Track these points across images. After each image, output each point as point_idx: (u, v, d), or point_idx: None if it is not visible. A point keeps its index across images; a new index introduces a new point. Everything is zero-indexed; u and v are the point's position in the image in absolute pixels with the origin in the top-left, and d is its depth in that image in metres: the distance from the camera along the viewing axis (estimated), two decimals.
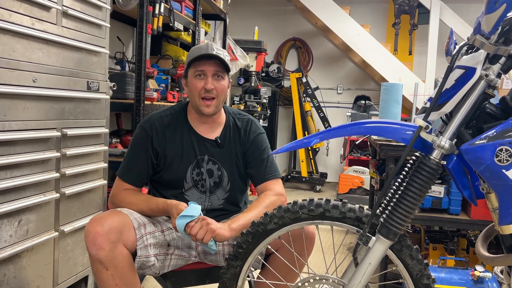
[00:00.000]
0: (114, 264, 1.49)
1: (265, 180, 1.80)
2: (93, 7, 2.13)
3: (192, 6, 3.64)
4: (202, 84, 1.71)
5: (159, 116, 1.80)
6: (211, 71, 1.72)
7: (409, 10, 6.14)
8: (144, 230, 1.61)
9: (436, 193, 2.48)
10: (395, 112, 2.91)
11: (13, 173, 1.71)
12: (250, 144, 1.83)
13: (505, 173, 1.14)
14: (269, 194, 1.75)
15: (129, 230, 1.56)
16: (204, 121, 1.80)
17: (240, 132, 1.84)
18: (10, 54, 1.66)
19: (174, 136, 1.78)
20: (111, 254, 1.48)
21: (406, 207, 1.25)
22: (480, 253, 1.42)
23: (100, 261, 1.48)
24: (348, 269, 1.37)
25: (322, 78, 6.80)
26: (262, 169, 1.81)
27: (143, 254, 1.58)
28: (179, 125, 1.80)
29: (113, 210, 1.64)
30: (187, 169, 1.78)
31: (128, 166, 1.77)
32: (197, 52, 1.72)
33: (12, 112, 1.69)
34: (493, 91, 1.23)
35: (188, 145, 1.78)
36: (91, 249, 1.49)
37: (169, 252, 1.70)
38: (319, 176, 6.17)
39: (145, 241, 1.59)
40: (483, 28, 1.14)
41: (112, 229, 1.50)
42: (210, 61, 1.71)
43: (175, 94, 3.32)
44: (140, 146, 1.76)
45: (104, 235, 1.48)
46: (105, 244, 1.47)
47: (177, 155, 1.77)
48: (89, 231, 1.50)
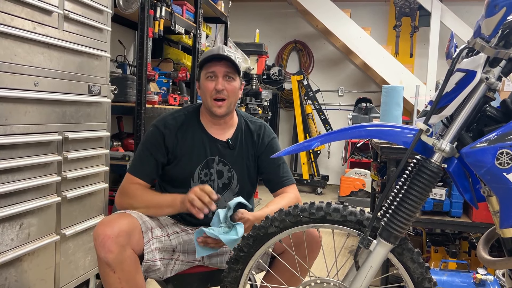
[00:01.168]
0: (122, 268, 1.49)
1: (282, 186, 1.82)
2: (94, 11, 2.14)
3: (193, 9, 3.65)
4: (213, 85, 1.73)
5: (172, 116, 1.81)
6: (222, 72, 1.73)
7: (410, 13, 6.15)
8: (152, 234, 1.62)
9: (437, 195, 2.48)
10: (396, 115, 2.91)
11: (15, 177, 1.72)
12: (264, 149, 1.84)
13: (506, 176, 1.14)
14: (289, 195, 1.79)
15: (138, 233, 1.56)
16: (216, 122, 1.81)
17: (253, 135, 1.85)
18: (12, 58, 1.67)
19: (186, 135, 1.79)
20: (120, 257, 1.48)
21: (407, 210, 1.25)
22: (482, 256, 1.41)
23: (108, 264, 1.48)
24: (349, 273, 1.37)
25: (323, 81, 6.81)
26: (279, 175, 1.83)
27: (150, 258, 1.58)
28: (192, 125, 1.81)
29: (123, 213, 1.63)
30: (196, 168, 1.78)
31: (139, 162, 1.77)
32: (209, 54, 1.75)
33: (14, 116, 1.69)
34: (493, 94, 1.23)
35: (199, 145, 1.79)
36: (100, 252, 1.48)
37: (174, 258, 1.70)
38: (321, 178, 6.16)
39: (151, 245, 1.60)
40: (483, 31, 1.14)
41: (122, 232, 1.50)
42: (221, 62, 1.73)
43: (176, 97, 3.32)
44: (152, 143, 1.77)
45: (114, 238, 1.48)
46: (114, 247, 1.47)
47: (187, 153, 1.78)
48: (98, 233, 1.50)
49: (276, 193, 1.83)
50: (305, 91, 6.10)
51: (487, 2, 1.10)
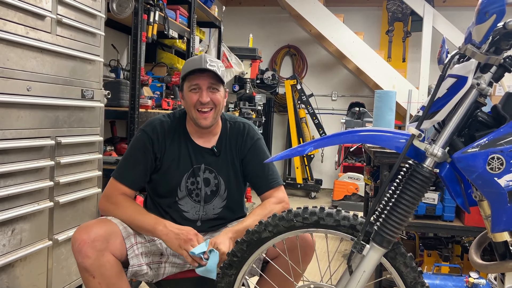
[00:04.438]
0: (101, 272, 1.49)
1: (269, 189, 1.79)
2: (88, 15, 2.14)
3: (186, 14, 3.65)
4: (197, 97, 1.72)
5: (159, 121, 1.80)
6: (206, 84, 1.72)
7: (403, 18, 6.19)
8: (135, 240, 1.61)
9: (430, 200, 2.49)
10: (389, 119, 2.92)
11: (7, 182, 1.71)
12: (248, 151, 1.82)
13: (497, 181, 1.15)
14: (272, 201, 1.75)
15: (116, 238, 1.55)
16: (201, 132, 1.80)
17: (236, 138, 1.83)
18: (5, 63, 1.66)
19: (173, 142, 1.78)
20: (97, 262, 1.48)
21: (400, 215, 1.26)
22: (474, 261, 1.42)
23: (86, 269, 1.48)
24: (343, 277, 1.38)
25: (317, 85, 6.83)
26: (264, 177, 1.80)
27: (135, 263, 1.58)
28: (178, 132, 1.80)
29: (102, 219, 1.63)
30: (182, 177, 1.77)
31: (126, 167, 1.74)
32: (191, 65, 1.72)
33: (6, 121, 1.69)
34: (484, 100, 1.24)
35: (185, 154, 1.78)
36: (77, 257, 1.49)
37: (163, 260, 1.69)
38: (314, 182, 6.17)
39: (135, 250, 1.59)
40: (474, 38, 1.16)
41: (98, 237, 1.50)
42: (204, 74, 1.71)
43: (170, 101, 3.32)
44: (140, 149, 1.75)
45: (90, 243, 1.48)
46: (90, 252, 1.47)
47: (174, 162, 1.77)
48: (75, 239, 1.50)
49: (263, 196, 1.80)
50: (299, 95, 6.11)
51: (478, 9, 1.12)
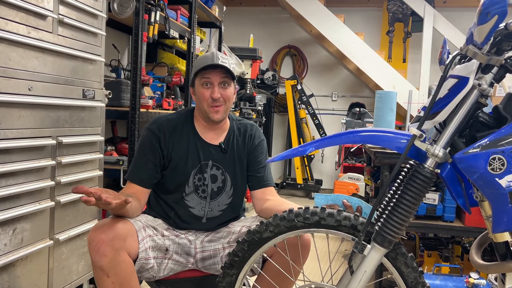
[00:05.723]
0: (116, 272, 1.49)
1: (264, 186, 1.87)
2: (89, 15, 2.14)
3: (187, 14, 3.65)
4: (209, 93, 1.75)
5: (165, 119, 1.83)
6: (217, 80, 1.75)
7: (403, 18, 6.19)
8: (145, 233, 1.62)
9: (430, 200, 2.50)
10: (390, 120, 2.93)
11: (8, 182, 1.71)
12: (254, 149, 1.88)
13: (498, 181, 1.15)
14: (279, 198, 1.84)
15: (132, 237, 1.56)
16: (211, 127, 1.83)
17: (244, 136, 1.88)
18: (6, 62, 1.66)
19: (180, 139, 1.80)
20: (114, 261, 1.48)
21: (401, 215, 1.26)
22: (474, 261, 1.42)
23: (101, 268, 1.48)
24: (344, 277, 1.38)
25: (317, 86, 6.84)
26: (262, 174, 1.87)
27: (143, 256, 1.58)
28: (185, 129, 1.82)
29: (116, 218, 1.62)
30: (190, 173, 1.79)
31: (138, 167, 1.77)
32: (204, 62, 1.75)
33: (8, 121, 1.69)
34: (485, 100, 1.24)
35: (193, 150, 1.80)
36: (94, 256, 1.48)
37: (167, 257, 1.70)
38: (314, 183, 6.18)
39: (145, 243, 1.60)
40: (476, 38, 1.16)
41: (116, 236, 1.50)
42: (216, 70, 1.75)
43: (171, 101, 3.32)
44: (148, 147, 1.77)
45: (108, 242, 1.47)
46: (108, 251, 1.47)
47: (182, 158, 1.79)
48: (93, 238, 1.49)
49: (256, 191, 1.87)
50: (299, 95, 6.12)
51: (479, 10, 1.12)
